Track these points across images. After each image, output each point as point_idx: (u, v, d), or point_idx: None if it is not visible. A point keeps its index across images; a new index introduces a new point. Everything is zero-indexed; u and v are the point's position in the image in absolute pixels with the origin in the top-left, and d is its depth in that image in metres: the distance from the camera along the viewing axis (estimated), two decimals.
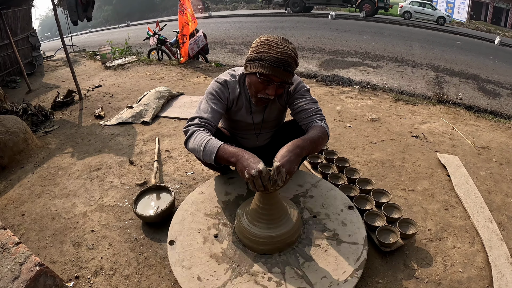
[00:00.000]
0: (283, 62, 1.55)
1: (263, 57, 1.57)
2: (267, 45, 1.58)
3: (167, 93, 4.47)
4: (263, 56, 1.57)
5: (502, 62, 9.84)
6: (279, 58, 1.54)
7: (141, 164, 2.94)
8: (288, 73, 1.59)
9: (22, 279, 1.14)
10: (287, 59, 1.55)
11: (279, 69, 1.56)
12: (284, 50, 1.56)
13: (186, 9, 6.38)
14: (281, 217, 1.61)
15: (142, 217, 2.10)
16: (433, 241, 2.02)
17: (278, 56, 1.54)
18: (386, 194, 2.22)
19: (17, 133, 3.27)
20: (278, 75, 1.58)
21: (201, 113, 1.72)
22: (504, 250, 1.92)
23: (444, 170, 2.78)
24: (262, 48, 1.59)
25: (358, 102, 4.41)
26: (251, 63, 1.64)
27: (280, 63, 1.55)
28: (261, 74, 1.59)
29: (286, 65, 1.56)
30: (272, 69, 1.56)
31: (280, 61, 1.55)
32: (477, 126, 3.81)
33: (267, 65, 1.56)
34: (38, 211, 2.43)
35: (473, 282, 1.75)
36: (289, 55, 1.56)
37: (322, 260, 1.57)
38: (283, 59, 1.55)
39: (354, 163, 2.84)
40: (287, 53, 1.56)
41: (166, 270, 1.82)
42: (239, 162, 1.43)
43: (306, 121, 1.76)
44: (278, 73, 1.57)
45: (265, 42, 1.59)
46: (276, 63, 1.55)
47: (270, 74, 1.57)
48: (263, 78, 1.60)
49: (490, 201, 2.41)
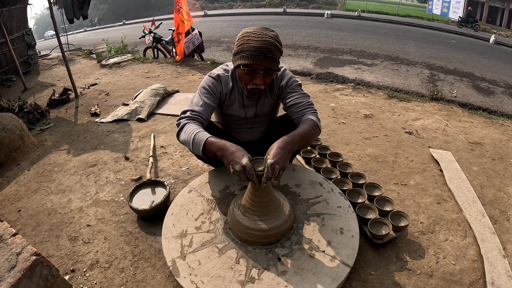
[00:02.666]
0: (262, 49, 1.58)
1: (244, 49, 1.62)
2: (246, 37, 1.62)
3: (163, 90, 4.48)
4: (244, 48, 1.62)
5: (496, 60, 9.94)
6: (257, 47, 1.58)
7: (136, 160, 2.96)
8: (270, 60, 1.62)
9: (18, 269, 1.15)
10: (266, 46, 1.59)
11: (259, 57, 1.59)
12: (262, 38, 1.59)
13: (182, 7, 6.38)
14: (273, 209, 1.62)
15: (137, 211, 2.12)
16: (426, 234, 2.05)
17: (257, 45, 1.58)
18: (379, 188, 2.25)
19: (13, 131, 3.27)
20: (259, 63, 1.61)
21: (193, 106, 1.76)
22: (496, 243, 1.95)
23: (437, 165, 2.81)
24: (242, 40, 1.64)
25: (352, 99, 4.44)
26: (236, 57, 1.68)
27: (259, 51, 1.58)
28: (244, 65, 1.63)
29: (266, 52, 1.59)
30: (252, 58, 1.60)
31: (259, 49, 1.58)
32: (470, 123, 3.85)
33: (248, 56, 1.60)
34: (35, 207, 2.43)
35: (465, 274, 1.78)
36: (268, 42, 1.59)
37: (300, 261, 1.54)
38: (262, 47, 1.58)
39: (348, 158, 2.86)
40: (266, 40, 1.59)
41: (161, 262, 1.84)
42: (224, 156, 1.46)
43: (298, 115, 1.78)
44: (259, 61, 1.60)
45: (245, 34, 1.64)
46: (255, 52, 1.58)
47: (252, 63, 1.61)
48: (247, 68, 1.64)
49: (483, 196, 2.44)
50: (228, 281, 1.43)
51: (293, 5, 27.11)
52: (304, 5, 27.49)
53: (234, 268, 1.50)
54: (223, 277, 1.45)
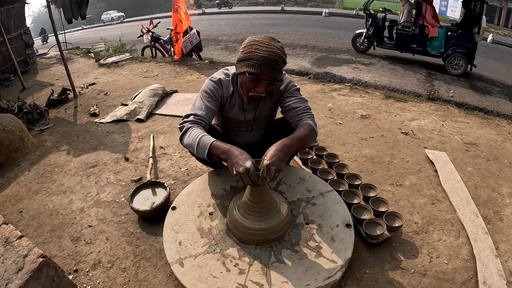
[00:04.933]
0: (270, 60, 1.63)
1: (251, 57, 1.65)
2: (254, 45, 1.66)
3: (161, 90, 4.51)
4: (251, 56, 1.66)
5: (494, 60, 9.96)
6: (266, 57, 1.63)
7: (136, 160, 2.99)
8: (276, 71, 1.67)
9: (26, 270, 1.19)
10: (273, 57, 1.63)
11: (266, 67, 1.64)
12: (270, 49, 1.64)
13: (180, 7, 6.41)
14: (271, 210, 1.68)
15: (138, 212, 2.16)
16: (419, 233, 2.10)
17: (265, 55, 1.63)
18: (374, 189, 2.30)
19: (13, 131, 3.29)
20: (266, 73, 1.66)
21: (195, 111, 1.80)
22: (489, 243, 2.00)
23: (432, 166, 2.86)
24: (250, 48, 1.67)
25: (349, 99, 4.49)
26: (241, 63, 1.72)
27: (267, 62, 1.63)
28: (250, 73, 1.67)
29: (273, 63, 1.64)
30: (260, 67, 1.64)
31: (267, 60, 1.63)
32: (466, 123, 3.89)
33: (255, 64, 1.64)
34: (36, 208, 2.47)
35: (458, 273, 1.83)
36: (276, 54, 1.64)
37: (292, 266, 1.59)
38: (270, 58, 1.63)
39: (344, 159, 2.91)
40: (274, 51, 1.64)
41: (162, 262, 1.89)
42: (229, 158, 1.52)
43: (296, 119, 1.83)
44: (265, 71, 1.65)
45: (253, 42, 1.68)
46: (263, 61, 1.63)
47: (258, 72, 1.65)
48: (252, 76, 1.68)
49: (477, 196, 2.49)
50: (228, 280, 1.48)
51: (291, 3, 27.01)
52: (302, 4, 27.39)
53: (233, 265, 1.57)
54: (222, 275, 1.51)
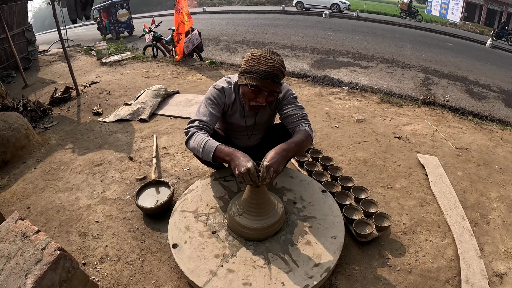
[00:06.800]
0: (270, 74, 1.76)
1: (253, 70, 1.78)
2: (256, 59, 1.79)
3: (164, 91, 4.62)
4: (253, 69, 1.78)
5: (492, 64, 9.99)
6: (267, 71, 1.75)
7: (140, 160, 3.11)
8: (276, 84, 1.80)
9: (44, 262, 1.31)
10: (274, 71, 1.76)
11: (267, 80, 1.77)
12: (271, 63, 1.76)
13: (182, 8, 6.50)
14: (269, 209, 1.81)
15: (144, 209, 2.29)
16: (407, 234, 2.22)
17: (266, 69, 1.75)
18: (365, 191, 2.43)
19: (19, 129, 3.39)
20: (266, 86, 1.79)
21: (200, 116, 1.93)
22: (474, 245, 2.11)
23: (423, 169, 2.97)
24: (252, 62, 1.80)
25: (346, 103, 4.60)
26: (243, 75, 1.85)
27: (268, 75, 1.76)
28: (251, 85, 1.80)
29: (274, 77, 1.77)
30: (261, 81, 1.77)
31: (268, 74, 1.76)
32: (459, 128, 4.00)
33: (257, 78, 1.77)
34: (43, 204, 2.58)
35: (442, 271, 1.95)
36: (276, 68, 1.77)
37: (289, 257, 1.75)
38: (271, 72, 1.76)
39: (338, 162, 3.03)
40: (274, 65, 1.77)
41: (166, 256, 2.01)
42: (232, 160, 1.65)
43: (293, 125, 1.96)
44: (266, 84, 1.78)
45: (255, 56, 1.81)
46: (264, 75, 1.76)
47: (259, 85, 1.78)
48: (253, 88, 1.81)
49: (465, 200, 2.60)
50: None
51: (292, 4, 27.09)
52: None
53: (226, 254, 1.72)
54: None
